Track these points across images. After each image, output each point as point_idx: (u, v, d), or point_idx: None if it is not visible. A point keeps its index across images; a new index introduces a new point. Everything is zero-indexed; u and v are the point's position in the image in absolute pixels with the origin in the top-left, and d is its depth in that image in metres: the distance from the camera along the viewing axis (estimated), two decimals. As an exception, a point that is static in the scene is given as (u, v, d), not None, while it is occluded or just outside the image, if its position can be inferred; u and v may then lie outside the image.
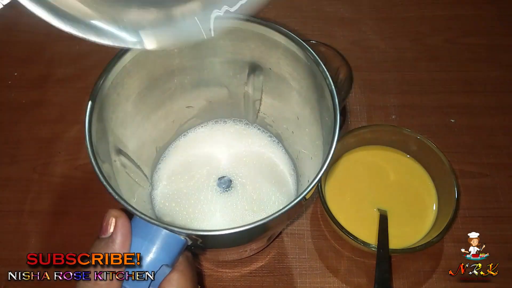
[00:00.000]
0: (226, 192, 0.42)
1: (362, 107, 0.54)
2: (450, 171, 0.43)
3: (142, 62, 0.33)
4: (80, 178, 0.51)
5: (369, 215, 0.45)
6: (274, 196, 0.42)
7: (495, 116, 0.54)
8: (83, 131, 0.29)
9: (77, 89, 0.57)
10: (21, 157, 0.53)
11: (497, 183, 0.49)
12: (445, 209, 0.43)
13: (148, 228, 0.27)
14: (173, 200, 0.42)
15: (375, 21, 0.61)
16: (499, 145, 0.52)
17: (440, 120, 0.53)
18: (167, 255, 0.27)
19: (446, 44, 0.59)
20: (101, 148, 0.30)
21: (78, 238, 0.47)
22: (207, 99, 0.42)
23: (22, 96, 0.57)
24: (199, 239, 0.28)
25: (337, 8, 0.63)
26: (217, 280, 0.45)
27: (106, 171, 0.29)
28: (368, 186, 0.47)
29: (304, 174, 0.41)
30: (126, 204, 0.27)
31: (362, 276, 0.45)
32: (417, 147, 0.47)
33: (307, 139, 0.39)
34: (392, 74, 0.57)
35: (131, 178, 0.37)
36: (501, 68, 0.57)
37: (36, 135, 0.54)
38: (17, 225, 0.48)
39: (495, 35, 0.60)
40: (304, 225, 0.48)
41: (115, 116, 0.33)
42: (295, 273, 0.45)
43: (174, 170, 0.43)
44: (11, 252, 0.47)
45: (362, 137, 0.48)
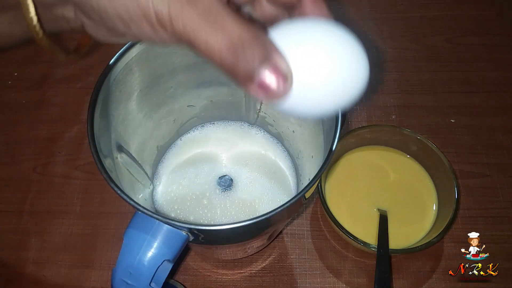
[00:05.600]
0: (226, 191, 0.42)
1: (362, 107, 0.54)
2: (450, 171, 0.43)
3: (144, 59, 0.33)
4: (80, 178, 0.51)
5: (369, 215, 0.45)
6: (275, 195, 0.42)
7: (495, 116, 0.53)
8: (84, 128, 0.29)
9: (77, 89, 0.57)
10: (21, 157, 0.53)
11: (497, 183, 0.49)
12: (445, 209, 0.43)
13: (150, 223, 0.27)
14: (174, 199, 0.42)
15: (375, 21, 0.61)
16: (499, 145, 0.52)
17: (440, 120, 0.53)
18: (169, 250, 0.27)
19: (446, 44, 0.59)
20: (103, 144, 0.30)
21: (78, 238, 0.47)
22: (208, 98, 0.42)
23: (22, 96, 0.57)
24: (201, 235, 0.28)
25: (337, 8, 0.63)
26: (217, 280, 0.45)
27: (108, 167, 0.29)
28: (368, 186, 0.47)
29: (304, 174, 0.41)
30: (128, 199, 0.27)
31: (362, 276, 0.45)
32: (417, 147, 0.47)
33: (307, 138, 0.39)
34: (392, 74, 0.57)
35: (132, 176, 0.37)
36: (501, 68, 0.57)
37: (36, 135, 0.54)
38: (17, 225, 0.48)
39: (495, 35, 0.60)
40: (304, 225, 0.48)
41: (117, 113, 0.34)
42: (295, 273, 0.45)
43: (175, 169, 0.44)
44: (11, 252, 0.47)
45: (362, 137, 0.48)
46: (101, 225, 0.48)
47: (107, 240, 0.47)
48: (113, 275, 0.28)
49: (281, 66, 0.20)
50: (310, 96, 0.21)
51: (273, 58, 0.20)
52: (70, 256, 0.46)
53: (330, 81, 0.21)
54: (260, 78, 0.19)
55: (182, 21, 0.19)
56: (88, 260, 0.46)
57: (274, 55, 0.20)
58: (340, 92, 0.21)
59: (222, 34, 0.19)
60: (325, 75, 0.20)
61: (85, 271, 0.46)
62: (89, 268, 0.46)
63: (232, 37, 0.19)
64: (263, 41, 0.20)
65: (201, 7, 0.19)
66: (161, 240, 0.27)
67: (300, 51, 0.20)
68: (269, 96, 0.20)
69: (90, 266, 0.46)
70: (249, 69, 0.19)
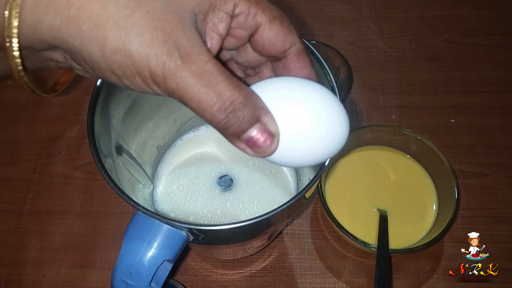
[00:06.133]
0: (227, 191, 0.42)
1: (362, 107, 0.54)
2: (450, 171, 0.43)
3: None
4: (80, 178, 0.51)
5: (369, 215, 0.45)
6: (275, 195, 0.42)
7: (495, 116, 0.53)
8: (84, 128, 0.29)
9: (77, 89, 0.57)
10: (21, 157, 0.53)
11: (497, 183, 0.49)
12: (445, 209, 0.43)
13: (150, 223, 0.27)
14: (174, 199, 0.42)
15: (375, 21, 0.61)
16: (499, 145, 0.52)
17: (440, 120, 0.53)
18: (169, 250, 0.27)
19: (446, 44, 0.59)
20: (103, 144, 0.30)
21: (78, 238, 0.47)
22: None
23: (22, 96, 0.57)
24: (201, 235, 0.28)
25: (337, 8, 0.63)
26: (217, 280, 0.45)
27: (108, 167, 0.29)
28: (368, 186, 0.47)
29: (304, 174, 0.41)
30: (128, 199, 0.27)
31: (362, 276, 0.45)
32: (417, 147, 0.47)
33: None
34: (392, 74, 0.57)
35: (132, 176, 0.37)
36: (501, 68, 0.57)
37: (36, 135, 0.54)
38: (17, 225, 0.48)
39: (495, 35, 0.60)
40: (304, 225, 0.48)
41: (117, 113, 0.34)
42: (295, 273, 0.45)
43: (175, 169, 0.44)
44: (11, 252, 0.47)
45: (362, 137, 0.48)
46: (101, 225, 0.48)
47: (107, 240, 0.47)
48: (113, 275, 0.28)
49: (270, 128, 0.21)
50: (293, 150, 0.22)
51: (263, 120, 0.21)
52: (70, 256, 0.46)
53: (311, 137, 0.22)
54: (248, 138, 0.21)
55: (176, 80, 0.19)
56: (88, 260, 0.46)
57: (264, 117, 0.21)
58: (321, 146, 0.23)
59: (215, 95, 0.19)
60: (306, 131, 0.22)
61: (85, 271, 0.45)
62: (89, 268, 0.46)
63: (224, 98, 0.19)
64: (254, 102, 0.20)
65: (195, 67, 0.19)
66: (161, 240, 0.27)
67: (283, 108, 0.22)
68: (255, 153, 0.21)
69: (90, 266, 0.46)
70: (238, 131, 0.20)
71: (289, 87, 0.22)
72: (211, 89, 0.19)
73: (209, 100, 0.19)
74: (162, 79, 0.19)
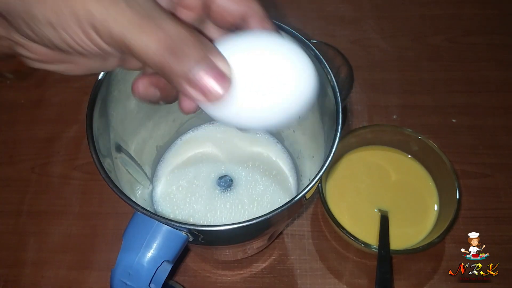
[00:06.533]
0: (226, 192, 0.42)
1: (363, 107, 0.54)
2: (452, 171, 0.43)
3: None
4: (78, 178, 0.51)
5: (370, 215, 0.45)
6: (275, 195, 0.42)
7: (496, 116, 0.53)
8: (83, 128, 0.28)
9: (76, 89, 0.56)
10: (20, 157, 0.52)
11: (498, 183, 0.49)
12: (447, 209, 0.43)
13: (149, 224, 0.27)
14: (173, 199, 0.42)
15: (376, 20, 0.61)
16: (501, 145, 0.51)
17: (441, 120, 0.53)
18: (168, 251, 0.27)
19: (447, 44, 0.59)
20: (102, 144, 0.30)
21: (77, 239, 0.47)
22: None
23: (21, 96, 0.56)
24: (200, 235, 0.28)
25: (338, 7, 0.63)
26: (216, 281, 0.45)
27: (107, 167, 0.28)
28: (369, 186, 0.47)
29: (305, 174, 0.40)
30: (127, 199, 0.26)
31: (363, 277, 0.44)
32: (418, 147, 0.46)
33: (308, 138, 0.39)
34: (393, 73, 0.57)
35: (131, 176, 0.36)
36: (503, 68, 0.57)
37: (34, 135, 0.54)
38: (16, 226, 0.48)
39: (497, 34, 0.60)
40: (304, 226, 0.47)
41: (116, 113, 0.33)
42: (296, 274, 0.45)
43: (174, 169, 0.43)
44: (9, 253, 0.47)
45: (363, 137, 0.48)
46: (100, 225, 0.48)
47: (106, 240, 0.47)
48: (112, 276, 0.28)
49: (220, 65, 0.19)
50: (251, 107, 0.20)
51: (211, 57, 0.19)
52: (69, 257, 0.46)
53: (271, 90, 0.20)
54: (197, 78, 0.19)
55: (119, 22, 0.18)
56: (87, 261, 0.46)
57: (212, 53, 0.19)
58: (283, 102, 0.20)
59: (161, 32, 0.18)
60: (269, 81, 0.20)
61: (84, 272, 0.45)
62: (88, 269, 0.45)
63: (170, 35, 0.18)
64: (202, 40, 0.19)
65: (139, 8, 0.18)
66: (160, 240, 0.26)
67: (243, 57, 0.20)
68: (206, 97, 0.19)
69: (89, 267, 0.45)
70: (185, 69, 0.19)
71: (249, 39, 0.21)
72: (156, 25, 0.18)
73: (155, 38, 0.18)
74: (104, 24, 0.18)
